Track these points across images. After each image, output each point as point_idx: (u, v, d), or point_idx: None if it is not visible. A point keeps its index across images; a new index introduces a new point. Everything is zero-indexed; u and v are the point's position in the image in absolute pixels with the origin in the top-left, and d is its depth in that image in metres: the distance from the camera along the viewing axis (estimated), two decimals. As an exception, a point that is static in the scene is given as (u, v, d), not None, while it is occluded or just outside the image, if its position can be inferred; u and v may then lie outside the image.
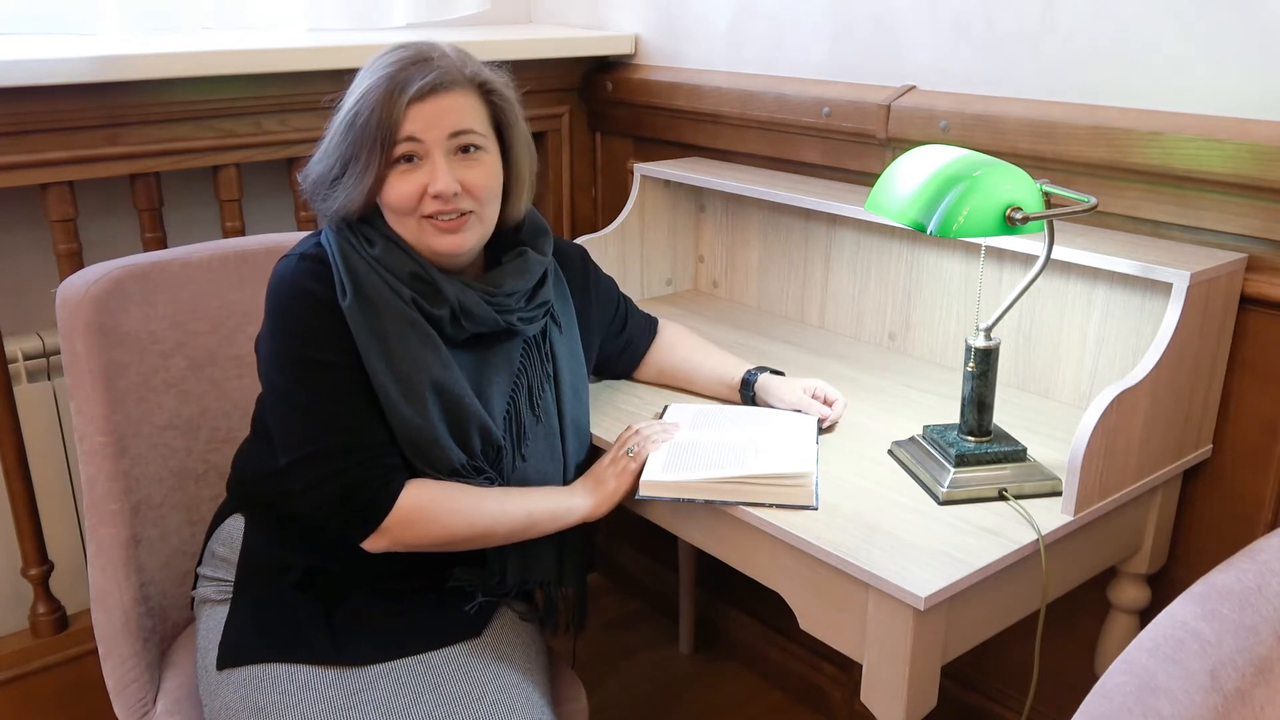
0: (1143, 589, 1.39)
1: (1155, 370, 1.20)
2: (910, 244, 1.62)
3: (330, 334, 1.16)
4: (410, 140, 1.15)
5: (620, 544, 2.43)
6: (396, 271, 1.18)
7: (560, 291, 1.34)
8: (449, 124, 1.16)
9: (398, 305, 1.17)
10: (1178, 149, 1.30)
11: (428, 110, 1.15)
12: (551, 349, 1.31)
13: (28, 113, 1.49)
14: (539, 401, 1.28)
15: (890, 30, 1.63)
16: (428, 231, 1.18)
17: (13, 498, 1.67)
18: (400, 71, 1.15)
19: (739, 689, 2.12)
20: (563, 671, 1.40)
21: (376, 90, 1.14)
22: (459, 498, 1.18)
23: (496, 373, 1.25)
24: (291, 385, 1.17)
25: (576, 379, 1.33)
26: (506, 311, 1.23)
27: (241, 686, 1.19)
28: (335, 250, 1.19)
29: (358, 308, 1.16)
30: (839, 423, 1.40)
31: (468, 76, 1.18)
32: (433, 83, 1.15)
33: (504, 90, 1.22)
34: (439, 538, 1.18)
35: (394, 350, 1.16)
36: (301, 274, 1.18)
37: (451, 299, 1.19)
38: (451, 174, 1.16)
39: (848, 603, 1.11)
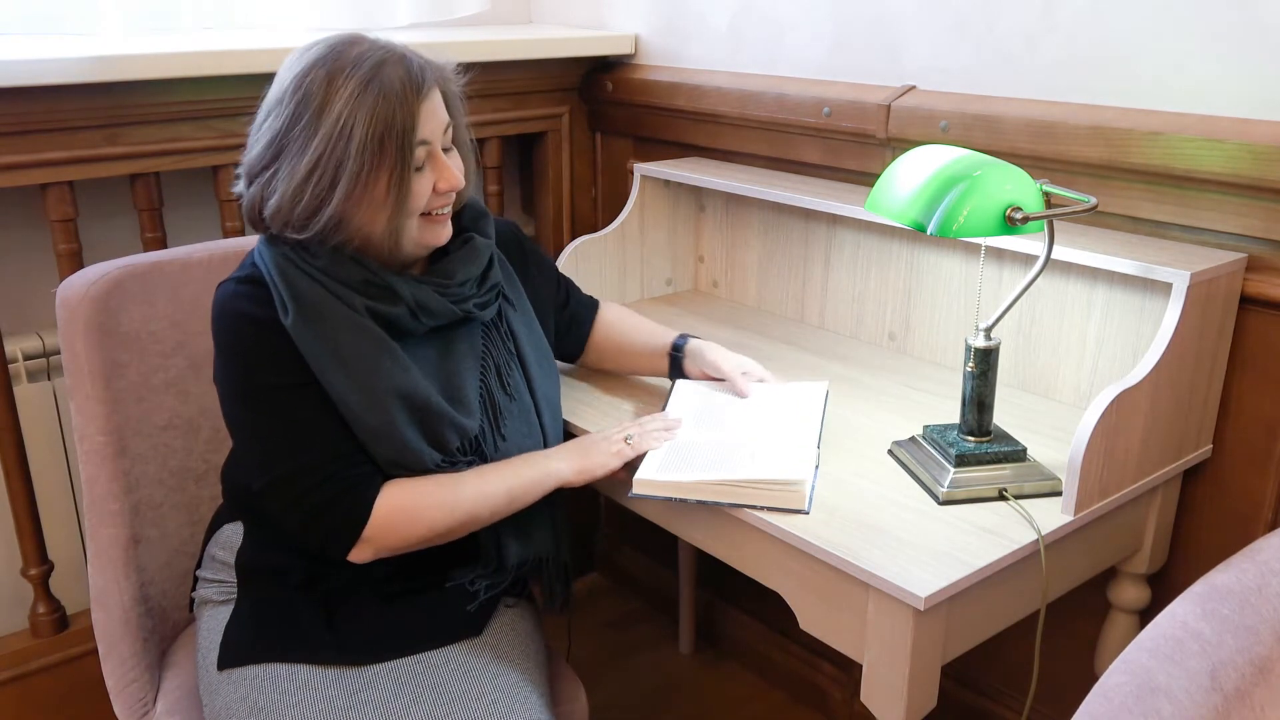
0: (1143, 589, 1.39)
1: (1155, 370, 1.20)
2: (910, 244, 1.62)
3: (276, 355, 1.14)
4: (424, 144, 1.16)
5: (620, 544, 2.43)
6: (347, 281, 1.16)
7: (505, 271, 1.34)
8: (441, 119, 1.18)
9: (348, 315, 1.15)
10: (1178, 149, 1.30)
11: (429, 108, 1.15)
12: (510, 328, 1.31)
13: (28, 113, 1.49)
14: (509, 380, 1.28)
15: (890, 30, 1.63)
16: (426, 228, 1.20)
17: (13, 498, 1.67)
18: (390, 70, 1.12)
19: (739, 689, 2.12)
20: (563, 671, 1.40)
21: (382, 99, 1.10)
22: (436, 490, 1.17)
23: (463, 359, 1.25)
24: (249, 414, 1.17)
25: (540, 354, 1.34)
26: (461, 300, 1.24)
27: (242, 686, 1.19)
28: (271, 268, 1.16)
29: (302, 324, 1.14)
30: (839, 423, 1.40)
31: (435, 71, 1.19)
32: (427, 80, 1.15)
33: (454, 76, 1.23)
34: (424, 535, 1.17)
35: (349, 361, 1.14)
36: (239, 299, 1.16)
37: (407, 298, 1.18)
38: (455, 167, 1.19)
39: (848, 603, 1.11)
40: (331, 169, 1.11)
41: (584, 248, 1.83)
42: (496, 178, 2.06)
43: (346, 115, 1.10)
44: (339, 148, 1.10)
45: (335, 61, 1.13)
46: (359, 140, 1.10)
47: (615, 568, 2.45)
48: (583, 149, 2.16)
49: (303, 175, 1.12)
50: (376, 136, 1.10)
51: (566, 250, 1.82)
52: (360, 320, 1.16)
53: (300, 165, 1.11)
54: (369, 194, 1.13)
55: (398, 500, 1.16)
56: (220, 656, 1.22)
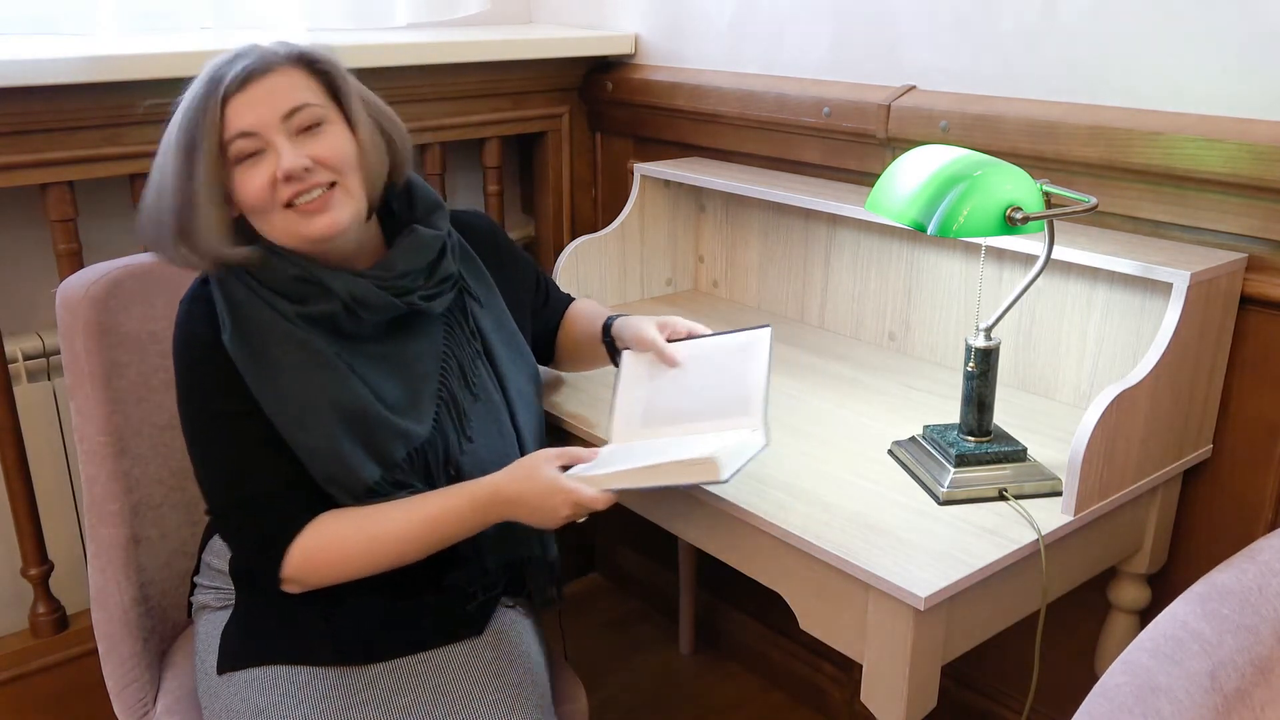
0: (1143, 589, 1.39)
1: (1155, 370, 1.20)
2: (910, 244, 1.62)
3: (219, 380, 1.13)
4: (244, 136, 1.10)
5: (620, 544, 2.43)
6: (277, 283, 1.14)
7: (473, 266, 1.31)
8: (278, 105, 1.11)
9: (280, 326, 1.14)
10: (1178, 149, 1.30)
11: (251, 98, 1.10)
12: (476, 325, 1.27)
13: (28, 113, 1.49)
14: (474, 379, 1.24)
15: (890, 30, 1.63)
16: (294, 221, 1.13)
17: (13, 498, 1.67)
18: (213, 75, 1.11)
19: (739, 689, 2.12)
20: (563, 671, 1.40)
21: (194, 99, 1.11)
22: (355, 529, 1.13)
23: (419, 359, 1.21)
24: (196, 441, 1.16)
25: (514, 352, 1.30)
26: (404, 293, 1.19)
27: (243, 688, 1.19)
28: (214, 285, 1.16)
29: (238, 340, 1.13)
30: (839, 423, 1.40)
31: (284, 55, 1.14)
32: (246, 70, 1.10)
33: (327, 56, 1.17)
34: (350, 574, 1.15)
35: (281, 376, 1.12)
36: (191, 319, 1.16)
37: (341, 293, 1.15)
38: (297, 150, 1.11)
39: (848, 603, 1.11)
40: (157, 191, 1.13)
41: (584, 248, 1.83)
42: (496, 178, 2.06)
43: (174, 124, 1.13)
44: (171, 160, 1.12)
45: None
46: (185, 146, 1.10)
47: (615, 568, 2.45)
48: (583, 149, 2.16)
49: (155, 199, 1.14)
50: (189, 140, 1.10)
51: (566, 250, 1.82)
52: (292, 331, 1.14)
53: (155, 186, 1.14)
54: (212, 204, 1.11)
55: (317, 542, 1.13)
56: (220, 661, 1.22)
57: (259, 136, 1.11)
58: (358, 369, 1.17)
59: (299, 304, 1.15)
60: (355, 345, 1.18)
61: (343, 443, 1.13)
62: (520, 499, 1.13)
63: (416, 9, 2.03)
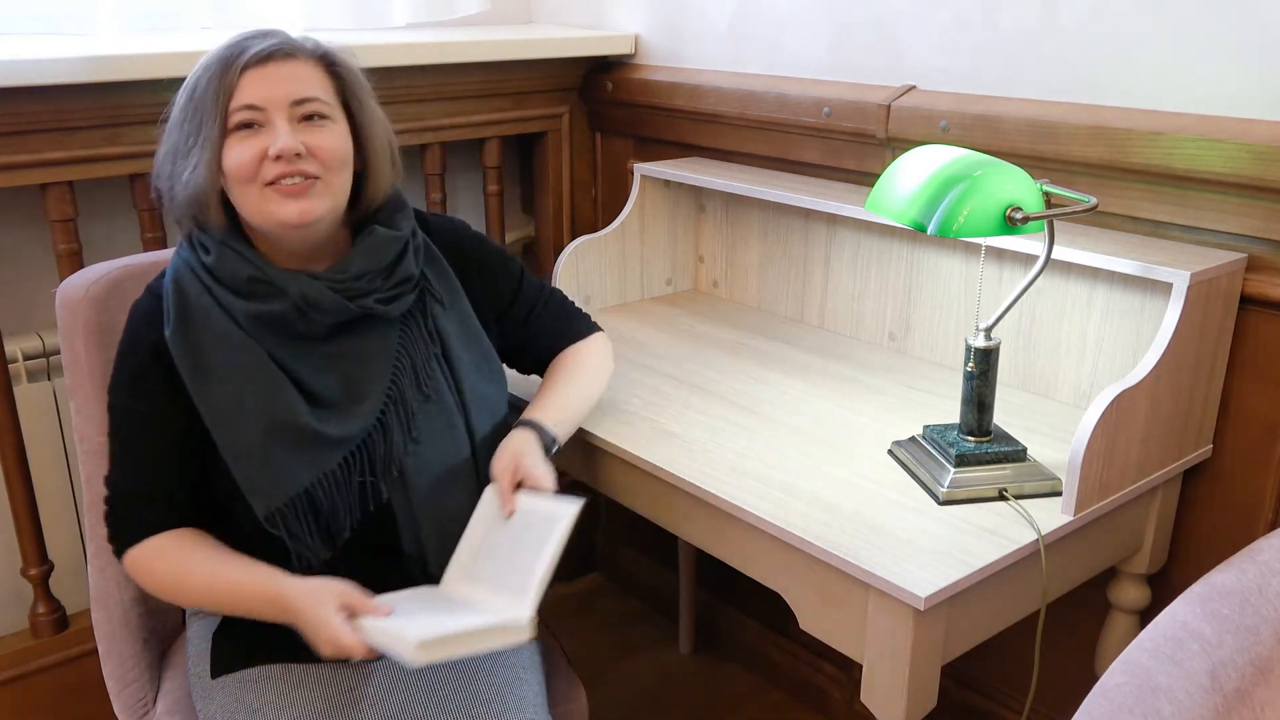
0: (1143, 589, 1.39)
1: (1155, 370, 1.20)
2: (910, 244, 1.62)
3: (145, 376, 1.16)
4: (249, 109, 1.12)
5: (620, 544, 2.43)
6: (232, 279, 1.16)
7: (438, 268, 1.30)
8: (291, 91, 1.14)
9: (225, 329, 1.15)
10: (1178, 149, 1.30)
11: (268, 76, 1.13)
12: (436, 327, 1.26)
13: (28, 113, 1.49)
14: (426, 380, 1.23)
15: (890, 30, 1.63)
16: (270, 199, 1.13)
17: (13, 498, 1.67)
18: (239, 41, 1.14)
19: (739, 689, 2.12)
20: (562, 671, 1.40)
21: (213, 60, 1.14)
22: (175, 564, 1.16)
23: (370, 361, 1.20)
24: (110, 421, 1.19)
25: (474, 355, 1.29)
26: (359, 296, 1.19)
27: (236, 689, 1.19)
28: (170, 274, 1.18)
29: (179, 337, 1.14)
30: (839, 423, 1.40)
31: (309, 49, 1.17)
32: (271, 48, 1.13)
33: (349, 62, 1.20)
34: (166, 597, 1.20)
35: (216, 378, 1.14)
36: (137, 315, 1.19)
37: (294, 294, 1.15)
38: (294, 135, 1.13)
39: (848, 603, 1.11)
40: (176, 132, 1.16)
41: (584, 248, 1.83)
42: (496, 178, 2.06)
43: (190, 78, 1.15)
44: (178, 112, 1.16)
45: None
46: (194, 101, 1.13)
47: (615, 568, 2.45)
48: (583, 149, 2.16)
49: (166, 153, 1.17)
50: (200, 96, 1.13)
51: (566, 250, 1.82)
52: (235, 333, 1.15)
53: (164, 146, 1.17)
54: (201, 158, 1.13)
55: (145, 559, 1.17)
56: (214, 664, 1.22)
57: (264, 112, 1.13)
58: (302, 371, 1.17)
59: (251, 302, 1.16)
60: (307, 345, 1.18)
61: (267, 450, 1.14)
62: (298, 615, 1.10)
63: (415, 9, 2.03)
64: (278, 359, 1.16)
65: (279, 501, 1.14)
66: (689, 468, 1.27)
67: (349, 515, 1.17)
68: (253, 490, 1.14)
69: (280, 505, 1.14)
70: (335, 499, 1.16)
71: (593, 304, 1.87)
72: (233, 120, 1.13)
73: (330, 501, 1.16)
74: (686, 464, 1.28)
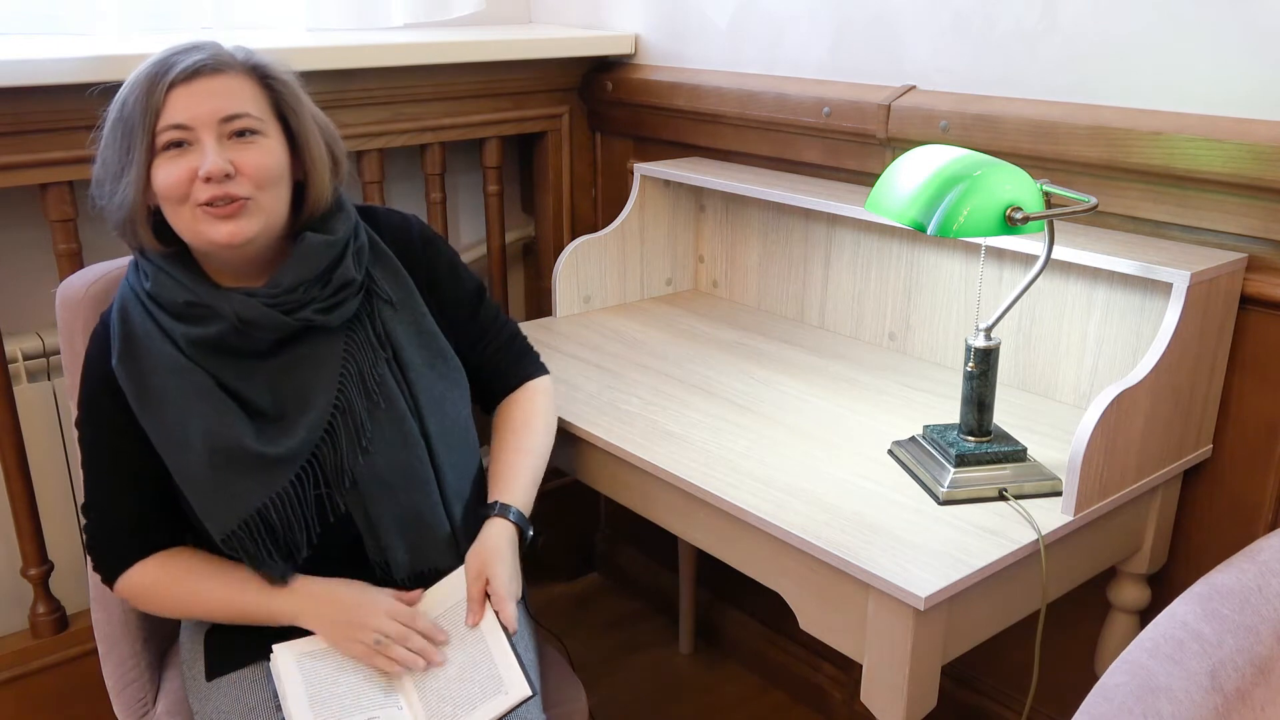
0: (1143, 589, 1.39)
1: (1155, 370, 1.20)
2: (910, 244, 1.62)
3: (102, 404, 1.17)
4: (177, 128, 1.11)
5: (620, 544, 2.43)
6: (169, 304, 1.16)
7: (387, 266, 1.27)
8: (219, 107, 1.11)
9: (166, 354, 1.15)
10: (1178, 149, 1.30)
11: (194, 93, 1.11)
12: (384, 329, 1.23)
13: (28, 113, 1.49)
14: (375, 387, 1.20)
15: (890, 30, 1.63)
16: (202, 220, 1.12)
17: (13, 498, 1.67)
18: (166, 58, 1.12)
19: (739, 689, 2.12)
20: (562, 671, 1.40)
21: (140, 77, 1.12)
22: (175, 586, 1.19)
23: (318, 370, 1.19)
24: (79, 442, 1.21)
25: (429, 355, 1.26)
26: (296, 308, 1.17)
27: (232, 688, 1.19)
28: (116, 300, 1.19)
29: (124, 367, 1.15)
30: (839, 423, 1.40)
31: (240, 60, 1.15)
32: (197, 64, 1.11)
33: (281, 73, 1.18)
34: (167, 615, 1.24)
35: (161, 406, 1.14)
36: (91, 347, 1.20)
37: (229, 315, 1.14)
38: (222, 155, 1.11)
39: (848, 603, 1.11)
40: (107, 151, 1.15)
41: (584, 248, 1.83)
42: (496, 178, 2.06)
43: (119, 96, 1.13)
44: (108, 131, 1.14)
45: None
46: (122, 120, 1.12)
47: (615, 568, 2.45)
48: (583, 149, 2.16)
49: (98, 170, 1.17)
50: (127, 115, 1.11)
51: (566, 250, 1.82)
52: (176, 359, 1.15)
53: (98, 162, 1.17)
54: (130, 178, 1.12)
55: (144, 581, 1.20)
56: (208, 667, 1.22)
57: (192, 131, 1.11)
58: (247, 390, 1.16)
59: (190, 326, 1.15)
60: (251, 362, 1.17)
61: (214, 476, 1.14)
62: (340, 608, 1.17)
63: (412, 9, 2.02)
64: (222, 380, 1.16)
65: (233, 525, 1.14)
66: (689, 468, 1.27)
67: (306, 530, 1.16)
68: (206, 515, 1.14)
69: (235, 528, 1.14)
70: (290, 516, 1.15)
71: (593, 304, 1.87)
72: (161, 140, 1.11)
73: (285, 519, 1.15)
74: (686, 464, 1.28)
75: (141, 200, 1.14)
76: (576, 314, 1.86)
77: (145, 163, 1.12)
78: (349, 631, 1.15)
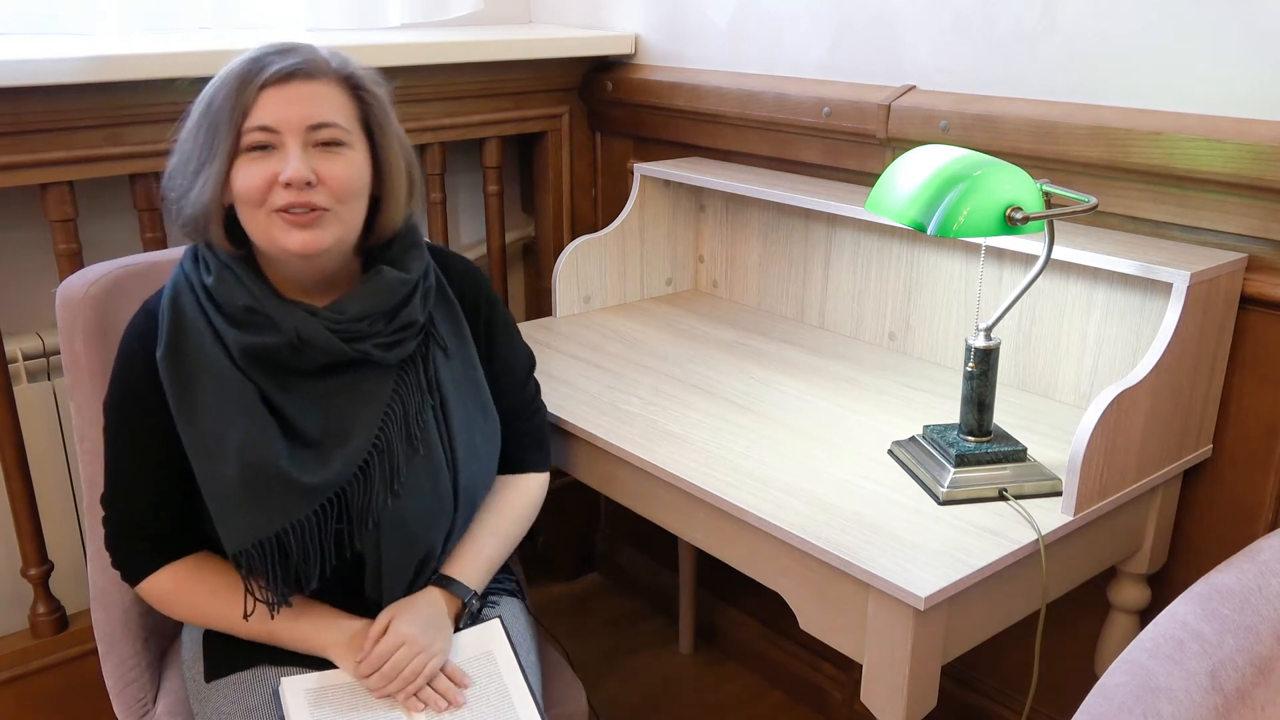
0: (1143, 589, 1.39)
1: (1155, 370, 1.20)
2: (910, 244, 1.62)
3: (143, 393, 1.14)
4: (263, 130, 1.08)
5: (620, 544, 2.43)
6: (228, 306, 1.13)
7: (449, 310, 1.25)
8: (308, 114, 1.09)
9: (216, 360, 1.12)
10: (1178, 149, 1.30)
11: (286, 96, 1.09)
12: (435, 374, 1.21)
13: (28, 113, 1.49)
14: (417, 433, 1.18)
15: (890, 30, 1.63)
16: (277, 226, 1.10)
17: (13, 498, 1.67)
18: (261, 56, 1.10)
19: (739, 689, 2.12)
20: (563, 671, 1.40)
21: (231, 73, 1.09)
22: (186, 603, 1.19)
23: (362, 403, 1.16)
24: (107, 431, 1.18)
25: (472, 407, 1.24)
26: (357, 339, 1.14)
27: (232, 690, 1.19)
28: (167, 291, 1.16)
29: (169, 361, 1.12)
30: (839, 423, 1.40)
31: (334, 68, 1.13)
32: (292, 68, 1.09)
33: (373, 87, 1.16)
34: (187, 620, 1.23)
35: (201, 411, 1.12)
36: (134, 329, 1.17)
37: (288, 330, 1.12)
38: (306, 162, 1.09)
39: (848, 603, 1.11)
40: (189, 143, 1.12)
41: (584, 248, 1.83)
42: (496, 178, 2.06)
43: (208, 90, 1.11)
44: (193, 123, 1.12)
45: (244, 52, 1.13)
46: (209, 114, 1.10)
47: (615, 568, 2.45)
48: (583, 149, 2.16)
49: (177, 163, 1.14)
50: (216, 109, 1.09)
51: (566, 250, 1.82)
52: (224, 365, 1.12)
53: (176, 155, 1.14)
54: (209, 174, 1.09)
55: (166, 587, 1.19)
56: (207, 668, 1.22)
57: (278, 134, 1.09)
58: (289, 407, 1.14)
59: (245, 333, 1.13)
60: (296, 379, 1.15)
61: (241, 490, 1.11)
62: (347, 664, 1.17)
63: (411, 9, 2.02)
64: (265, 393, 1.13)
65: (248, 543, 1.12)
66: (689, 468, 1.27)
67: (321, 562, 1.14)
68: (223, 525, 1.12)
69: (249, 546, 1.12)
70: (307, 546, 1.13)
71: (593, 304, 1.87)
72: (245, 140, 1.09)
73: (302, 548, 1.13)
74: (686, 464, 1.28)
75: (218, 198, 1.11)
76: (576, 314, 1.86)
77: (227, 161, 1.09)
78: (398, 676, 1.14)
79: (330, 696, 1.15)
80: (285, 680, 1.16)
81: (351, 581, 1.18)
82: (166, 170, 1.15)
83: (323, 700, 1.14)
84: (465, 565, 1.26)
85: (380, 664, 1.14)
